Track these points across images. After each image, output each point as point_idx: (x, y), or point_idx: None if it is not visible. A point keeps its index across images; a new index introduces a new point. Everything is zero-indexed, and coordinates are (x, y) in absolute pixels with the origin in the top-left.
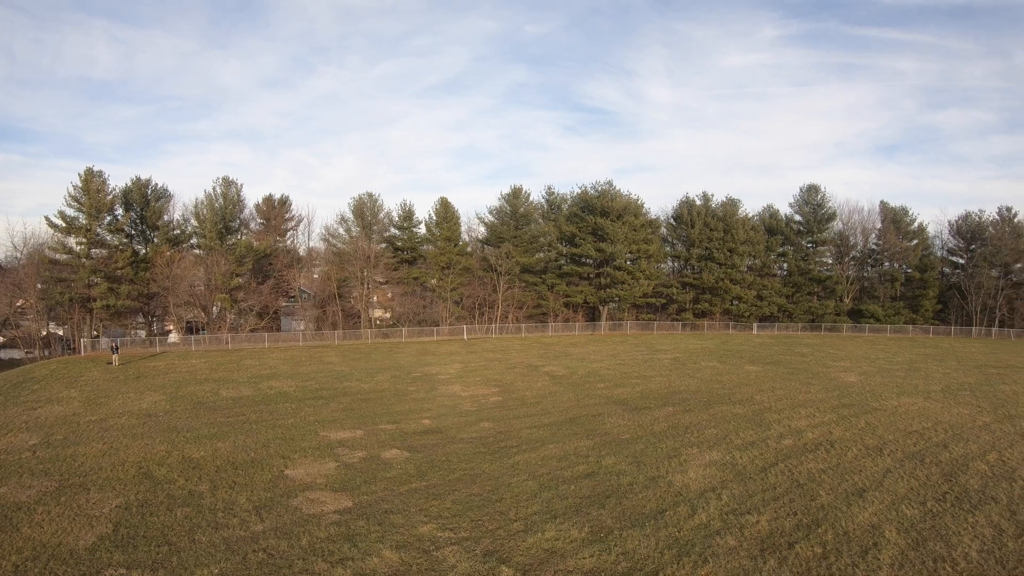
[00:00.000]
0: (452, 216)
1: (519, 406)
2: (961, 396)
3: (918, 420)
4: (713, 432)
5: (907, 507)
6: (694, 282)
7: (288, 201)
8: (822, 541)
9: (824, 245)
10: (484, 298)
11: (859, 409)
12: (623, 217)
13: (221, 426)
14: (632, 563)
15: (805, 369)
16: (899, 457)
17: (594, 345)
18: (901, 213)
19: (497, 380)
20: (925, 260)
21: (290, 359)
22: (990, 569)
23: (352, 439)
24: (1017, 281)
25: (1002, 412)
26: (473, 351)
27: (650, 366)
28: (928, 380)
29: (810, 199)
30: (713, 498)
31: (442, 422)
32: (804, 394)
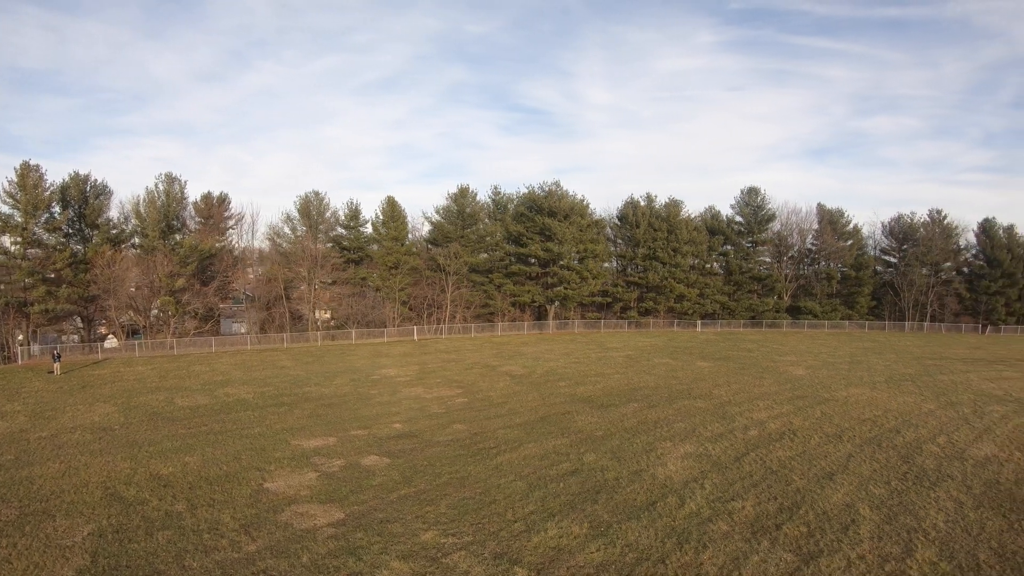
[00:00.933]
0: (399, 216)
1: (487, 407)
2: (904, 386)
3: (869, 409)
4: (682, 426)
5: (874, 487)
6: (639, 281)
7: (227, 199)
8: (805, 521)
9: (764, 245)
10: (432, 298)
11: (812, 400)
12: (570, 217)
13: (184, 438)
14: (638, 553)
15: (755, 364)
16: (858, 443)
17: (545, 344)
18: (837, 215)
19: (458, 381)
20: (860, 259)
21: (241, 364)
22: (957, 537)
23: (326, 447)
24: (946, 279)
25: (944, 399)
26: (427, 352)
27: (605, 364)
28: (872, 372)
29: (750, 201)
30: (697, 488)
31: (414, 425)
32: (759, 388)
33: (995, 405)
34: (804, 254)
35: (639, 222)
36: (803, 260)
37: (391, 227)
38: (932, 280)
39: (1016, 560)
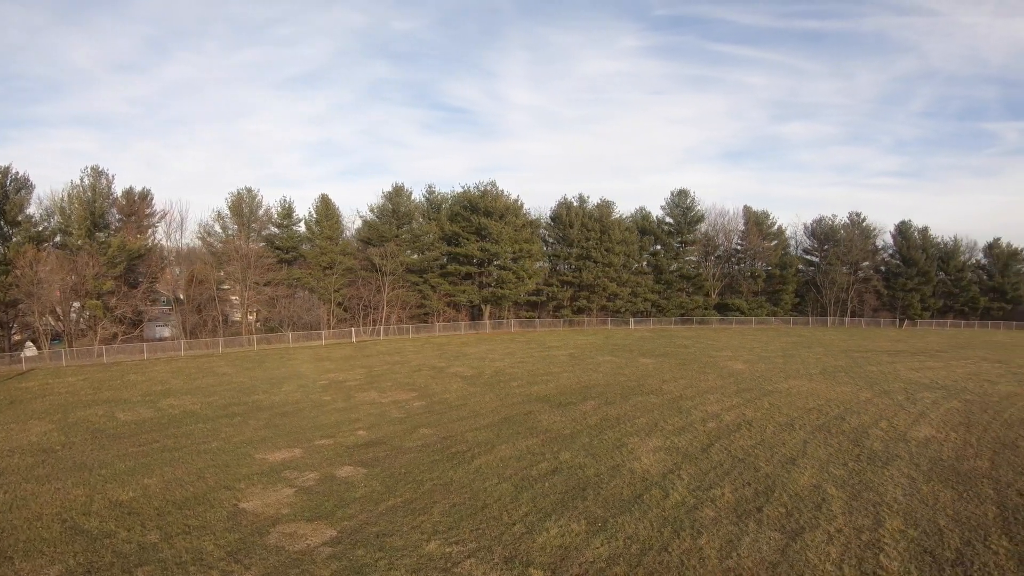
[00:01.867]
0: (333, 214)
1: (446, 409)
2: (839, 377)
3: (812, 399)
4: (643, 421)
5: (834, 469)
6: (573, 280)
7: (150, 195)
8: (781, 503)
9: (692, 245)
10: (368, 299)
11: (758, 392)
12: (505, 217)
13: (136, 457)
14: (641, 544)
15: (695, 360)
16: (809, 430)
17: (486, 344)
18: (763, 216)
19: (410, 384)
20: (784, 259)
21: (178, 371)
22: (917, 508)
23: (293, 459)
24: (865, 277)
25: (878, 388)
26: (368, 355)
27: (551, 363)
28: (806, 365)
29: (680, 202)
30: (676, 479)
31: (378, 432)
32: (705, 382)
33: (925, 392)
34: (731, 254)
35: (572, 222)
36: (730, 259)
37: (325, 226)
38: (852, 278)
39: (971, 524)
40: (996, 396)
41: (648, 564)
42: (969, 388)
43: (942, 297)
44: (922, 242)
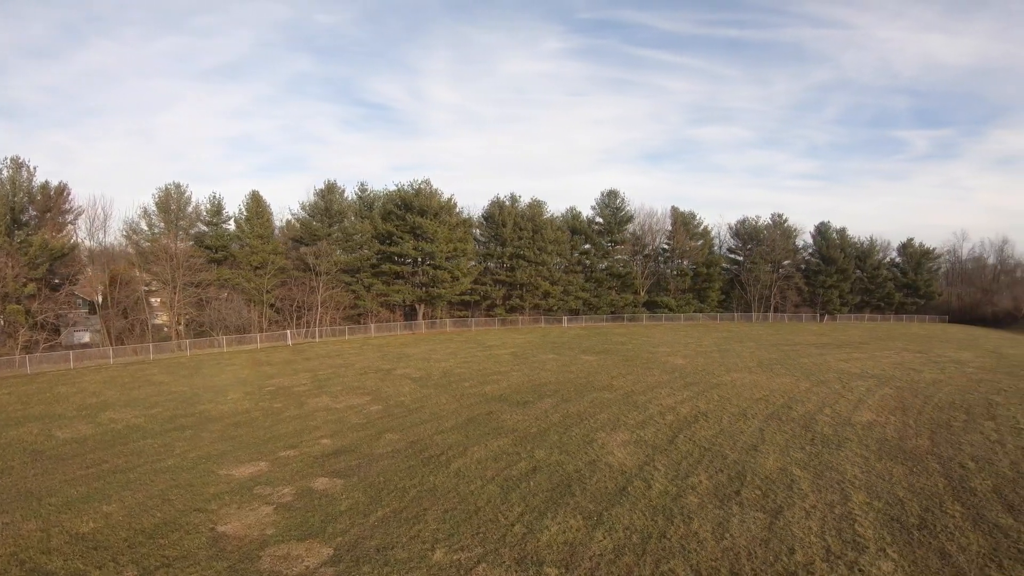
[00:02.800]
0: (264, 212)
1: (406, 413)
2: (776, 369)
3: (756, 390)
4: (604, 417)
5: (794, 452)
6: (507, 279)
7: (67, 189)
8: (755, 485)
9: (622, 244)
10: (301, 300)
11: (705, 386)
12: (440, 216)
13: (87, 482)
14: (641, 534)
15: (636, 356)
16: (762, 419)
17: (425, 344)
18: (689, 217)
19: (360, 388)
20: (710, 257)
21: (111, 381)
22: (875, 482)
23: (261, 474)
24: (787, 274)
25: (814, 379)
26: (308, 358)
27: (496, 362)
28: (742, 358)
29: (610, 203)
30: (653, 470)
31: (343, 440)
32: (652, 377)
33: (858, 381)
34: (659, 252)
35: (505, 222)
36: (658, 258)
37: (256, 224)
38: (775, 276)
39: (926, 494)
40: (923, 383)
41: (653, 551)
42: (897, 376)
43: (860, 293)
44: (840, 242)
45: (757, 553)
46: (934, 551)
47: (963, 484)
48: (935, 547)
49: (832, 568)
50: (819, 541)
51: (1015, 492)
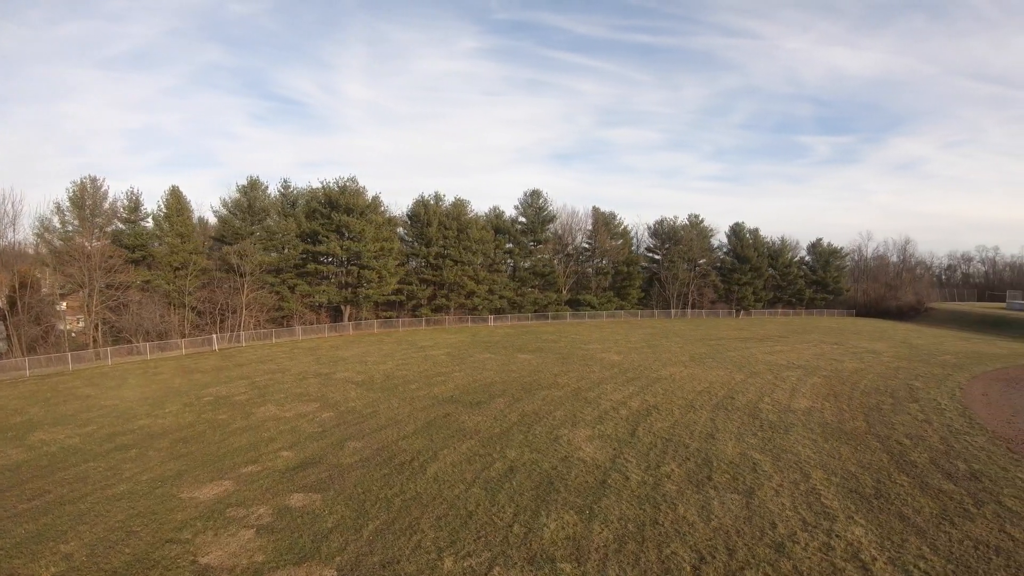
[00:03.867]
0: (184, 208)
1: (361, 419)
2: (708, 363)
3: (696, 383)
4: (561, 414)
5: (748, 438)
6: (432, 279)
7: None
8: (724, 470)
9: (545, 243)
10: (225, 303)
11: (646, 380)
12: (366, 214)
13: (34, 516)
14: (635, 522)
15: (571, 353)
16: (709, 409)
17: (357, 346)
18: (610, 217)
19: (304, 394)
20: (630, 256)
21: (31, 396)
22: (828, 461)
23: (228, 494)
24: (703, 272)
25: (747, 371)
26: (240, 364)
27: (434, 363)
28: (673, 354)
29: (533, 202)
30: (625, 463)
31: (304, 451)
32: (593, 374)
33: (787, 371)
34: (581, 252)
35: (431, 221)
36: (579, 257)
37: (176, 222)
38: (692, 273)
39: (874, 468)
40: (846, 372)
41: (652, 538)
42: (821, 366)
43: (772, 290)
44: (753, 241)
45: (744, 530)
46: (894, 515)
47: (903, 458)
48: (894, 512)
49: (812, 536)
50: (794, 515)
51: (950, 462)
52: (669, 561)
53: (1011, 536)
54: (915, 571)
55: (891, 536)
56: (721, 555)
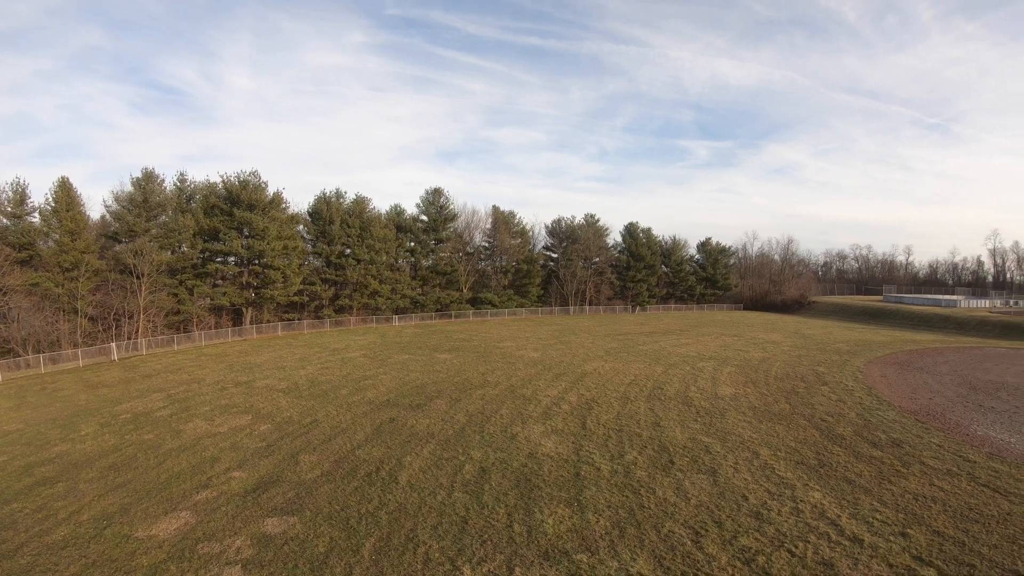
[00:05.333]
0: (75, 203)
1: (303, 431)
2: (625, 357)
3: (621, 376)
4: (506, 412)
5: (692, 424)
6: (336, 278)
7: None
8: (683, 455)
9: (447, 242)
10: (121, 307)
11: (574, 376)
12: (269, 211)
13: None
14: (625, 509)
15: (488, 352)
16: (644, 400)
17: (267, 351)
18: (510, 216)
19: (231, 406)
20: (530, 255)
21: None
22: (768, 439)
23: (190, 527)
24: (600, 270)
25: (664, 363)
26: (147, 375)
27: (354, 366)
28: (587, 349)
29: (434, 201)
30: (589, 454)
31: (257, 470)
32: (519, 371)
33: (701, 362)
34: (481, 250)
35: (333, 219)
36: (480, 256)
37: (66, 218)
38: (589, 271)
39: (811, 442)
40: (754, 361)
41: (645, 520)
42: (730, 357)
43: (665, 286)
44: (647, 240)
45: (722, 505)
46: (840, 480)
47: (832, 432)
48: (840, 477)
49: (781, 503)
50: (759, 487)
51: (871, 434)
52: (670, 539)
53: (940, 488)
54: (874, 521)
55: (845, 497)
56: (712, 528)
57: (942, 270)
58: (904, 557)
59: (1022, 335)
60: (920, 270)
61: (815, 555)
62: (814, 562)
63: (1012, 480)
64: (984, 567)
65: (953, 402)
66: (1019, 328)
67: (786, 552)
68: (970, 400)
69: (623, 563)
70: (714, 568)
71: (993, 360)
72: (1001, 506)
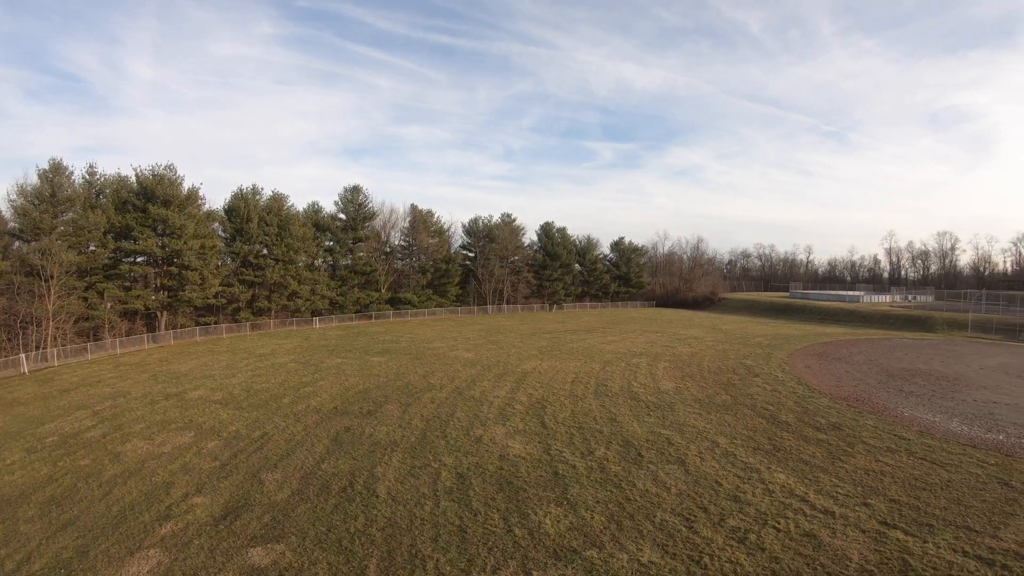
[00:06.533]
0: None
1: (256, 447)
2: (559, 355)
3: (562, 374)
4: (462, 415)
5: (647, 418)
6: (255, 279)
7: None
8: (648, 448)
9: (365, 241)
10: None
11: (516, 376)
12: (186, 208)
13: None
14: (614, 503)
15: (421, 353)
16: (592, 397)
17: (190, 359)
18: (428, 215)
19: (169, 422)
20: (448, 254)
21: None
22: (722, 428)
23: (165, 568)
24: (517, 269)
25: (599, 360)
26: (65, 389)
27: (288, 372)
28: (519, 348)
29: (353, 199)
30: (559, 452)
31: (220, 494)
32: (460, 372)
33: (635, 359)
34: (399, 249)
35: (250, 216)
36: (398, 255)
37: None
38: (507, 270)
39: (759, 429)
40: (684, 356)
41: (636, 512)
42: (661, 352)
43: (581, 284)
44: (562, 239)
45: (700, 492)
46: (797, 460)
47: (777, 420)
48: (796, 458)
49: (753, 486)
50: (728, 473)
51: (812, 419)
52: (665, 527)
53: (885, 463)
54: (838, 495)
55: (806, 476)
56: (699, 513)
57: (840, 268)
58: (872, 523)
59: (923, 327)
60: (820, 268)
61: (797, 528)
62: (798, 534)
63: (944, 453)
64: (940, 526)
65: (876, 388)
66: (920, 320)
67: (772, 528)
68: (890, 386)
69: (632, 554)
70: (714, 549)
71: (902, 350)
72: (941, 475)
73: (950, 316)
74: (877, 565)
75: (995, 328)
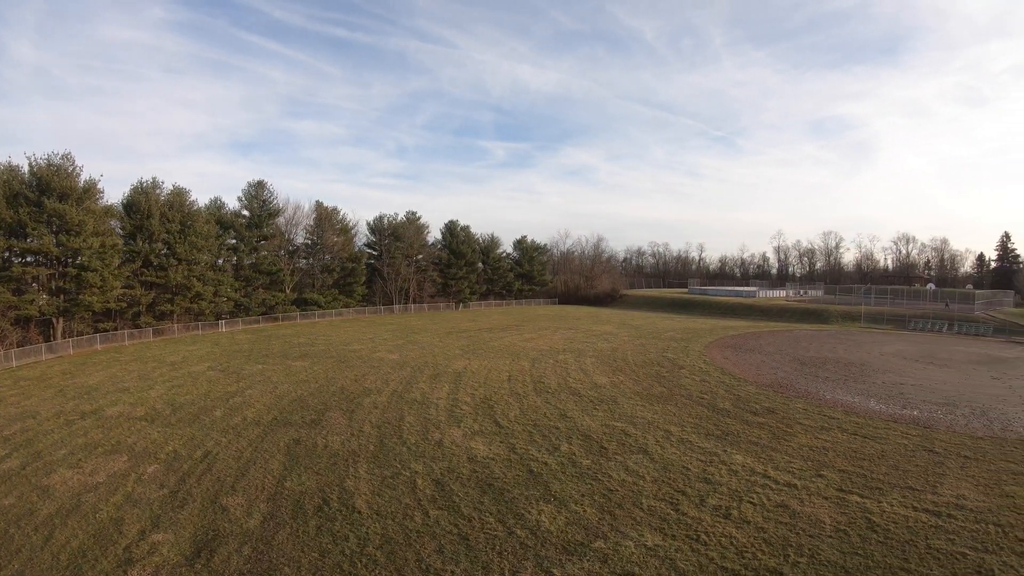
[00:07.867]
0: None
1: (203, 468)
2: (483, 354)
3: (496, 373)
4: (412, 419)
5: (596, 413)
6: (157, 280)
7: None
8: (609, 440)
9: (270, 239)
10: None
11: (449, 376)
12: (84, 202)
13: None
14: (601, 495)
15: (343, 357)
16: (535, 395)
17: (96, 370)
18: (333, 212)
19: (94, 445)
20: (354, 253)
21: None
22: (669, 418)
23: None
24: (422, 267)
25: (525, 358)
26: None
27: (210, 382)
28: (441, 348)
29: (257, 195)
30: (526, 451)
31: (181, 528)
32: (393, 375)
33: (560, 356)
34: (303, 248)
35: (151, 212)
36: (302, 253)
37: None
38: (412, 268)
39: (699, 416)
40: (606, 351)
41: (623, 501)
42: (583, 349)
43: (485, 282)
44: (466, 238)
45: (673, 476)
46: (747, 443)
47: (716, 407)
48: (745, 440)
49: (718, 468)
50: (691, 458)
51: (747, 405)
52: (654, 511)
53: (824, 439)
54: (794, 470)
55: (760, 455)
56: (680, 497)
57: (731, 264)
58: (831, 491)
59: (819, 319)
60: (712, 265)
61: (770, 501)
62: (772, 506)
63: (871, 428)
64: (887, 488)
65: (793, 375)
66: (815, 313)
67: (748, 503)
68: (806, 372)
69: (636, 540)
70: (706, 527)
71: (806, 340)
72: (875, 447)
73: (843, 309)
74: (847, 525)
75: (886, 319)
